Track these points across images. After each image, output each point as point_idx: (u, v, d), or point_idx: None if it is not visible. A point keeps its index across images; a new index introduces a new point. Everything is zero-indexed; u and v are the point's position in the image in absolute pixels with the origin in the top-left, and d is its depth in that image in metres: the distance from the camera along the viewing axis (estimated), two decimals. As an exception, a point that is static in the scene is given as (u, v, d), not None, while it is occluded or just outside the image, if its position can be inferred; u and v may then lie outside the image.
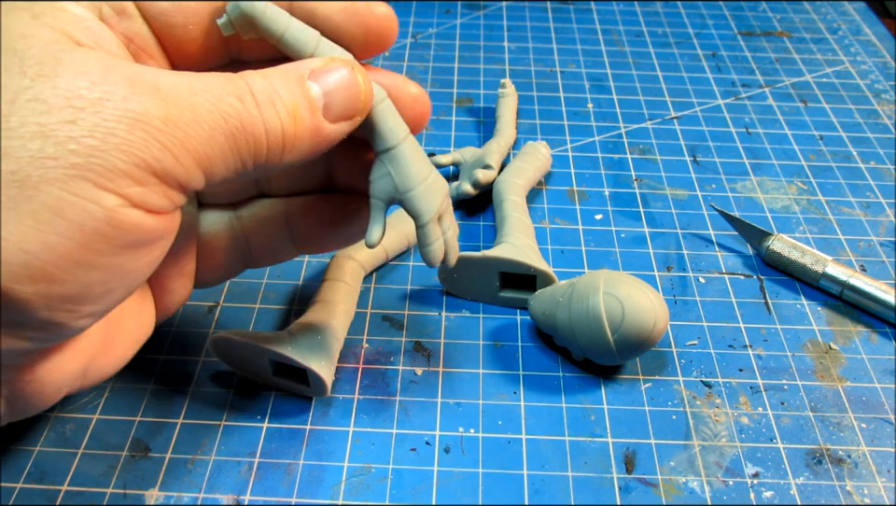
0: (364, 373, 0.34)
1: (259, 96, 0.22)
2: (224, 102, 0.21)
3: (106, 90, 0.19)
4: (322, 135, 0.24)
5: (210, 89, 0.21)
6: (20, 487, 0.29)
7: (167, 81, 0.20)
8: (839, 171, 0.46)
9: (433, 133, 0.48)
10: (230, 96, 0.21)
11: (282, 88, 0.23)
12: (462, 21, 0.60)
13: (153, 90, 0.20)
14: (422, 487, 0.29)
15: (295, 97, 0.23)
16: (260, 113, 0.22)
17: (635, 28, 0.60)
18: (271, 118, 0.22)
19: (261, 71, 0.23)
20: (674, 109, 0.51)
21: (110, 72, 0.20)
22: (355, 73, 0.24)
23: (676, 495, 0.29)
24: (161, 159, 0.20)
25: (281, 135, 0.22)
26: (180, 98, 0.20)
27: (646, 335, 0.31)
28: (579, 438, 0.31)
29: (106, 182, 0.19)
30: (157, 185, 0.20)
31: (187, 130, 0.20)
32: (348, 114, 0.24)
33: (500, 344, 0.35)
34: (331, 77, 0.24)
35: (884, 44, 0.59)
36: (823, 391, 0.33)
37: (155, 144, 0.20)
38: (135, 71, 0.20)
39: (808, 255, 0.38)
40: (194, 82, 0.21)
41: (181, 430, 0.31)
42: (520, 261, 0.35)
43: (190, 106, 0.20)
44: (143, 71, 0.20)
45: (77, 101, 0.19)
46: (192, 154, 0.20)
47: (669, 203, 0.43)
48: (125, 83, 0.20)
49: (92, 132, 0.19)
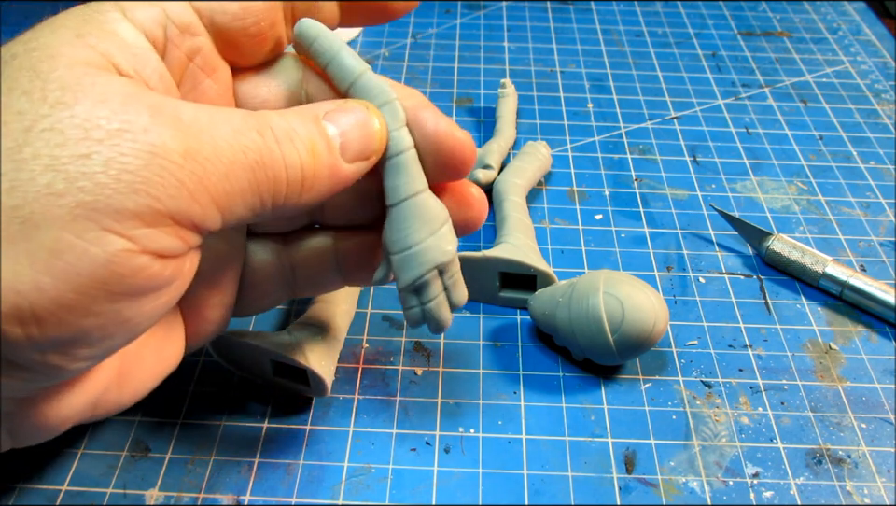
0: (364, 373, 0.34)
1: (278, 132, 0.21)
2: (244, 135, 0.20)
3: (126, 119, 0.18)
4: (340, 175, 0.23)
5: (230, 121, 0.20)
6: (20, 487, 0.29)
7: (189, 113, 0.20)
8: (839, 171, 0.46)
9: (433, 133, 0.48)
10: (250, 130, 0.21)
11: (299, 125, 0.22)
12: (462, 21, 0.60)
13: (174, 120, 0.19)
14: (422, 487, 0.29)
15: (312, 134, 0.22)
16: (280, 148, 0.21)
17: (635, 28, 0.60)
18: (290, 153, 0.21)
19: (278, 111, 0.23)
20: (674, 109, 0.51)
21: (132, 101, 0.19)
22: (370, 114, 0.24)
23: (676, 495, 0.29)
24: (176, 197, 0.19)
25: (300, 172, 0.22)
26: (201, 130, 0.19)
27: (646, 335, 0.31)
28: (579, 438, 0.31)
29: (113, 223, 0.18)
30: (170, 226, 0.19)
31: (206, 165, 0.19)
32: (364, 154, 0.24)
33: (500, 344, 0.35)
34: (346, 117, 0.23)
35: (884, 44, 0.59)
36: (823, 391, 0.33)
37: (171, 180, 0.18)
38: (157, 101, 0.19)
39: (808, 255, 0.38)
40: (215, 114, 0.20)
41: (181, 430, 0.31)
42: (520, 261, 0.35)
43: (211, 140, 0.19)
44: (165, 102, 0.20)
45: (96, 132, 0.18)
46: (210, 191, 0.19)
47: (669, 203, 0.43)
48: (147, 112, 0.19)
49: (106, 168, 0.18)
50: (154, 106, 0.19)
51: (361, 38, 0.57)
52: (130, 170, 0.18)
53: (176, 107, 0.20)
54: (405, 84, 0.26)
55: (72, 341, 0.19)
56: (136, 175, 0.18)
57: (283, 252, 0.28)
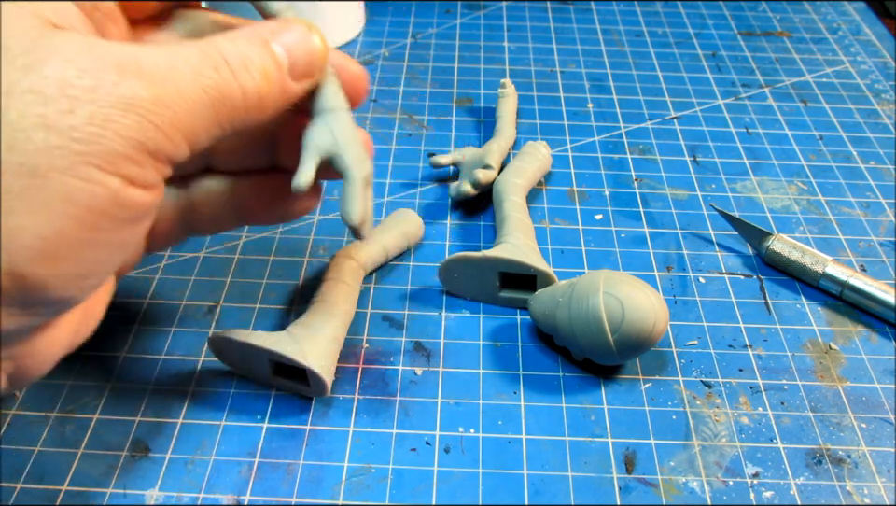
0: (364, 373, 0.34)
1: (233, 62, 0.23)
2: (203, 75, 0.22)
3: (96, 76, 0.20)
4: (289, 92, 0.25)
5: (189, 63, 0.22)
6: (20, 487, 0.29)
7: (149, 61, 0.21)
8: (839, 171, 0.46)
9: (433, 133, 0.48)
10: (207, 68, 0.22)
11: (251, 51, 0.24)
12: (462, 21, 0.60)
13: (138, 72, 0.21)
14: (422, 487, 0.29)
15: (264, 59, 0.24)
16: (236, 79, 0.23)
17: (635, 28, 0.60)
18: (246, 81, 0.23)
19: (227, 35, 0.24)
20: (674, 109, 0.51)
21: (95, 57, 0.20)
22: (312, 32, 0.26)
23: (676, 495, 0.29)
24: (153, 138, 0.21)
25: (257, 96, 0.24)
26: (164, 77, 0.21)
27: (646, 335, 0.31)
28: (579, 438, 0.31)
29: (109, 165, 0.20)
30: (151, 161, 0.21)
31: (174, 107, 0.21)
32: (310, 71, 0.26)
33: (500, 344, 0.35)
34: (291, 37, 0.25)
35: (884, 44, 0.59)
36: (823, 391, 0.33)
37: (148, 125, 0.21)
38: (117, 54, 0.21)
39: (808, 255, 0.38)
40: (173, 59, 0.22)
41: (181, 430, 0.31)
42: (520, 261, 0.35)
43: (174, 84, 0.21)
44: (123, 52, 0.21)
45: (71, 90, 0.20)
46: (180, 129, 0.22)
47: (669, 203, 0.43)
48: (112, 69, 0.20)
49: (91, 119, 0.20)
50: (117, 60, 0.21)
51: (361, 38, 0.57)
52: (112, 119, 0.20)
53: (136, 56, 0.21)
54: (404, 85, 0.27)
55: (87, 272, 0.21)
56: (119, 122, 0.20)
57: (182, 195, 0.30)
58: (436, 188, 0.44)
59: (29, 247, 0.19)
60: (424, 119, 0.49)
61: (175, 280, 0.37)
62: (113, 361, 0.34)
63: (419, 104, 0.51)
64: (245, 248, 0.39)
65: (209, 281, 0.38)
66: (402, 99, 0.51)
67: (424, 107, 0.50)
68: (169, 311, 0.36)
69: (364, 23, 0.59)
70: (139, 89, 0.21)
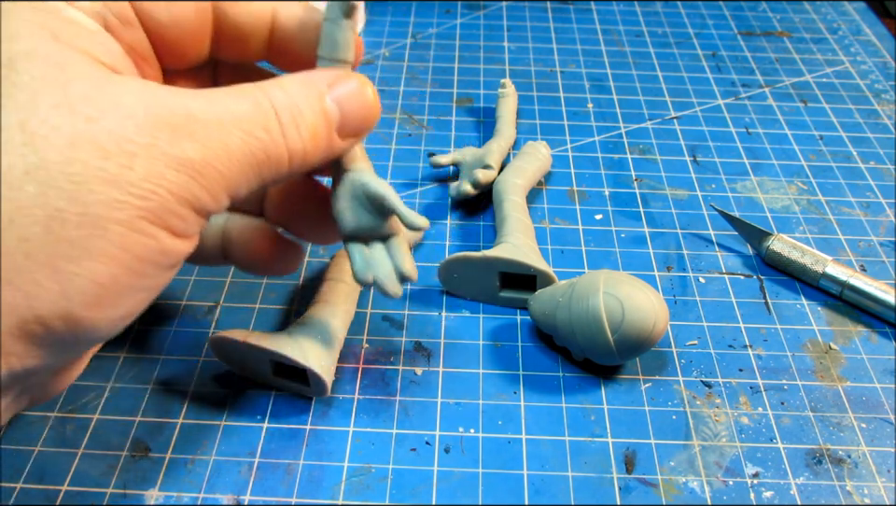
0: (364, 373, 0.34)
1: (284, 118, 0.23)
2: (253, 137, 0.23)
3: (153, 134, 0.21)
4: (334, 150, 0.25)
5: (240, 123, 0.22)
6: (20, 487, 0.29)
7: (201, 117, 0.22)
8: (839, 171, 0.46)
9: (433, 133, 0.48)
10: (258, 129, 0.23)
11: (305, 106, 0.24)
12: (462, 21, 0.60)
13: (191, 133, 0.21)
14: (422, 487, 0.29)
15: (316, 117, 0.24)
16: (285, 141, 0.23)
17: (635, 28, 0.60)
18: (294, 143, 0.24)
19: (281, 83, 0.24)
20: (674, 109, 0.51)
21: (152, 113, 0.21)
22: (367, 87, 0.25)
23: (676, 495, 0.29)
24: (199, 195, 0.22)
25: (302, 156, 0.24)
26: (215, 138, 0.22)
27: (646, 335, 0.31)
28: (579, 438, 0.31)
29: (159, 219, 0.21)
30: (194, 216, 0.22)
31: (221, 168, 0.22)
32: (359, 131, 0.26)
33: (500, 344, 0.35)
34: (346, 91, 0.25)
35: (884, 44, 0.59)
36: (823, 391, 0.33)
37: (195, 184, 0.22)
38: (172, 108, 0.22)
39: (808, 255, 0.38)
40: (224, 115, 0.22)
41: (181, 430, 0.31)
42: (520, 261, 0.35)
43: (224, 145, 0.22)
44: (178, 106, 0.22)
45: (129, 145, 0.20)
46: (224, 187, 0.23)
47: (669, 203, 0.43)
48: (166, 127, 0.21)
49: (147, 176, 0.21)
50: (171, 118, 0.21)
51: (362, 38, 0.57)
52: (166, 177, 0.21)
53: (190, 113, 0.22)
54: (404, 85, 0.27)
55: (129, 313, 0.22)
56: (171, 180, 0.21)
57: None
58: (436, 188, 0.44)
59: (85, 293, 0.20)
60: (424, 119, 0.49)
61: (175, 280, 0.37)
62: (113, 361, 0.34)
63: (419, 104, 0.51)
64: (245, 248, 0.39)
65: (209, 281, 0.38)
66: (402, 99, 0.51)
67: (424, 107, 0.50)
68: (169, 311, 0.36)
69: (364, 23, 0.59)
70: (191, 150, 0.21)
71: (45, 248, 0.20)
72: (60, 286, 0.20)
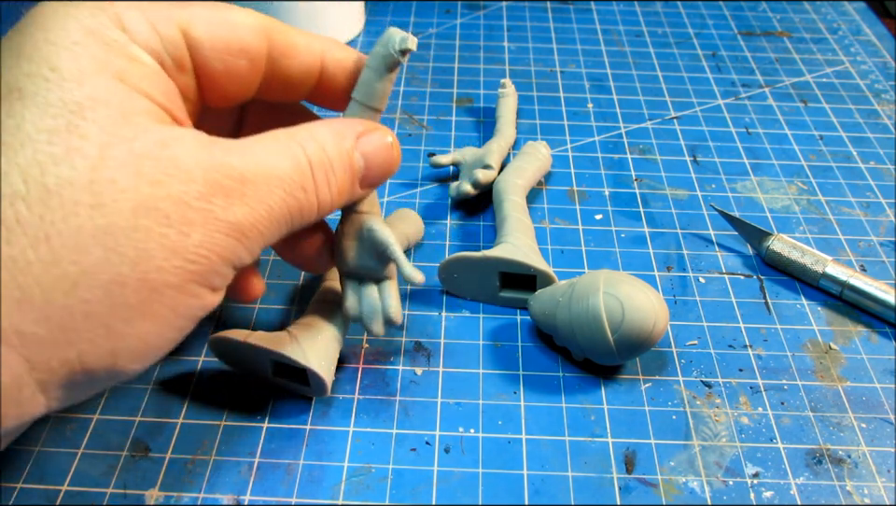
0: (364, 373, 0.34)
1: (318, 176, 0.25)
2: (292, 196, 0.24)
3: (210, 200, 0.22)
4: (353, 199, 0.27)
5: (282, 183, 0.24)
6: (20, 487, 0.29)
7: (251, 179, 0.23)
8: (839, 171, 0.46)
9: (433, 133, 0.48)
10: (297, 189, 0.24)
11: (337, 163, 0.25)
12: (462, 21, 0.60)
13: (242, 196, 0.23)
14: (422, 487, 0.29)
15: (344, 173, 0.26)
16: (317, 196, 0.25)
17: (635, 28, 0.60)
18: (324, 197, 0.25)
19: (314, 135, 0.25)
20: (674, 109, 0.51)
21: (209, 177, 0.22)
22: (392, 140, 0.27)
23: (676, 495, 0.29)
24: (241, 256, 0.23)
25: (328, 207, 0.26)
26: (261, 200, 0.23)
27: (646, 335, 0.31)
28: (579, 438, 0.31)
29: (206, 280, 0.23)
30: (232, 272, 0.24)
31: (263, 229, 0.24)
32: (379, 182, 0.28)
33: (500, 344, 0.35)
34: (372, 144, 0.26)
35: (884, 44, 0.59)
36: (823, 391, 0.33)
37: (240, 246, 0.23)
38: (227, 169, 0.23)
39: (808, 255, 0.38)
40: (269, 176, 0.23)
41: (181, 430, 0.31)
42: (520, 261, 0.35)
43: (268, 208, 0.23)
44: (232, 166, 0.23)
45: (189, 212, 0.22)
46: (261, 244, 0.24)
47: (669, 203, 0.43)
48: (221, 192, 0.22)
49: (202, 243, 0.22)
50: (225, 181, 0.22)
51: (362, 38, 0.57)
52: (218, 243, 0.22)
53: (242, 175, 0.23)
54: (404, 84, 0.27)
55: (159, 358, 0.23)
56: (222, 246, 0.23)
57: None
58: (436, 187, 0.44)
59: (131, 351, 0.22)
60: (424, 119, 0.49)
61: (175, 280, 0.37)
62: (113, 361, 0.34)
63: (419, 104, 0.51)
64: (245, 248, 0.39)
65: (209, 281, 0.38)
66: (402, 99, 0.51)
67: (424, 107, 0.50)
68: (169, 311, 0.36)
69: (364, 23, 0.59)
70: (241, 214, 0.23)
71: (103, 310, 0.21)
72: (111, 344, 0.21)
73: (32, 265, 0.20)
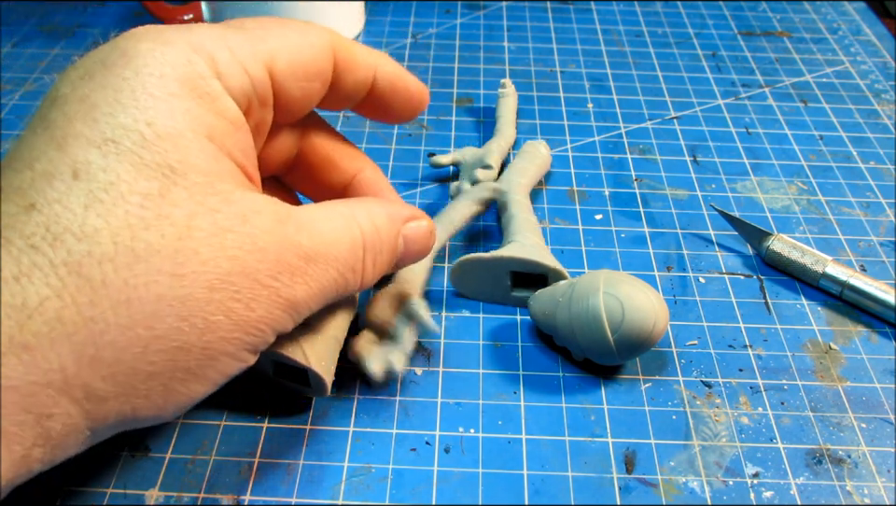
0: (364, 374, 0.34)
1: (368, 260, 0.26)
2: (343, 277, 0.25)
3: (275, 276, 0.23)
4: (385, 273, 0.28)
5: (338, 263, 0.24)
6: (19, 487, 0.29)
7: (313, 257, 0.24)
8: (839, 171, 0.46)
9: (433, 133, 0.48)
10: (349, 271, 0.25)
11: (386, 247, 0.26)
12: (462, 21, 0.60)
13: (304, 273, 0.23)
14: (422, 487, 0.29)
15: (390, 257, 0.27)
16: (363, 277, 0.26)
17: (635, 28, 0.60)
18: (368, 278, 0.26)
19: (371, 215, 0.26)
20: (674, 109, 0.51)
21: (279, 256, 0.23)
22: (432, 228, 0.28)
23: (676, 495, 0.29)
24: (287, 326, 0.24)
25: (366, 286, 0.27)
26: (318, 280, 0.24)
27: (646, 335, 0.31)
28: (579, 438, 0.31)
29: (256, 348, 0.23)
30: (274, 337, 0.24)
31: (312, 305, 0.24)
32: (413, 262, 0.28)
33: (500, 344, 0.35)
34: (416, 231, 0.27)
35: (884, 44, 0.59)
36: (823, 391, 0.33)
37: (291, 319, 0.24)
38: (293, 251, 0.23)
39: (808, 255, 0.38)
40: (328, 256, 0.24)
41: (181, 430, 0.31)
42: (532, 260, 0.35)
43: (321, 287, 0.24)
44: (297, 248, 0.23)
45: (257, 288, 0.22)
46: (305, 316, 0.25)
47: (669, 203, 0.43)
48: (287, 271, 0.23)
49: (263, 318, 0.23)
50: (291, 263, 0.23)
51: (361, 38, 0.57)
52: (275, 318, 0.23)
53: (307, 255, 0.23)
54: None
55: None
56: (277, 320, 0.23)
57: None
58: (436, 187, 0.44)
59: (181, 406, 0.23)
60: (424, 118, 0.49)
61: (175, 280, 0.37)
62: (113, 361, 0.34)
63: (419, 104, 0.50)
64: (245, 248, 0.39)
65: (209, 281, 0.37)
66: (402, 99, 0.51)
67: (424, 107, 0.50)
68: (169, 311, 0.36)
69: (364, 23, 0.59)
70: (300, 293, 0.23)
71: (165, 372, 0.21)
72: (164, 401, 0.22)
73: (110, 327, 0.20)
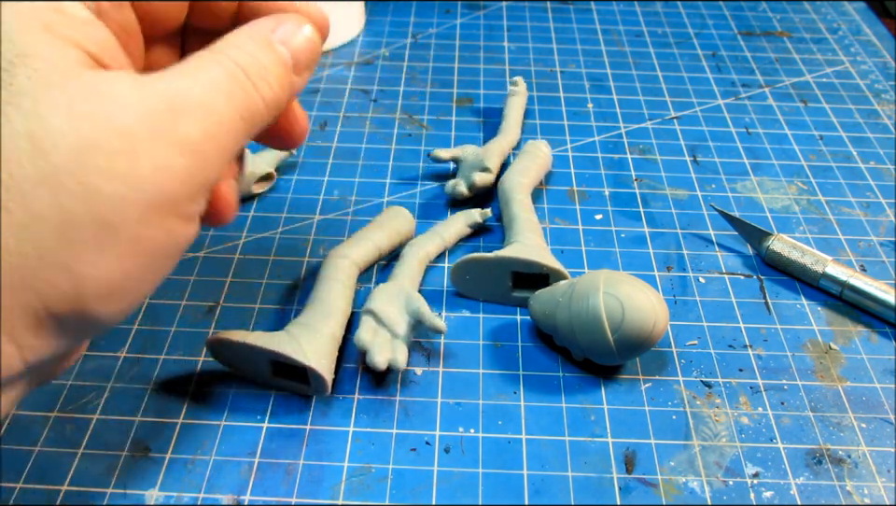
0: (364, 373, 0.34)
1: (254, 76, 0.24)
2: (235, 98, 0.23)
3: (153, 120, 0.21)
4: (294, 88, 0.26)
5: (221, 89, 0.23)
6: (20, 487, 0.29)
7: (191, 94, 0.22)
8: (839, 171, 0.46)
9: (433, 133, 0.48)
10: (237, 90, 0.23)
11: (263, 58, 0.25)
12: (462, 21, 0.60)
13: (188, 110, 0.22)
14: (422, 487, 0.29)
15: (276, 66, 0.25)
16: (259, 94, 0.24)
17: (635, 28, 0.60)
18: (266, 93, 0.24)
19: (234, 43, 0.25)
20: (674, 109, 0.51)
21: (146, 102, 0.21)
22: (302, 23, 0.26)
23: (676, 495, 0.29)
24: (206, 173, 0.22)
25: (276, 104, 0.25)
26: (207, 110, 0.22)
27: (646, 335, 0.31)
28: (579, 438, 0.31)
29: (173, 208, 0.22)
30: (201, 196, 0.23)
31: (219, 138, 0.23)
32: (310, 64, 0.27)
33: (500, 344, 0.35)
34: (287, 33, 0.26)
35: (884, 44, 0.59)
36: (823, 391, 0.33)
37: (202, 163, 0.22)
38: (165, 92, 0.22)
39: (808, 255, 0.38)
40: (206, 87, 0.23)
41: (181, 430, 0.31)
42: (533, 261, 0.35)
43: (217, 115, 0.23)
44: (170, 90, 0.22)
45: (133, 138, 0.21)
46: (224, 156, 0.23)
47: (669, 203, 0.43)
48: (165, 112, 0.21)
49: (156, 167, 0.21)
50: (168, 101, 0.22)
51: (361, 38, 0.57)
52: (174, 164, 0.21)
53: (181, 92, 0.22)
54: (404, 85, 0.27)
55: (137, 304, 0.23)
56: (179, 166, 0.21)
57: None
58: (436, 187, 0.44)
59: (97, 291, 0.21)
60: (424, 119, 0.49)
61: (175, 280, 0.37)
62: (113, 361, 0.34)
63: (419, 104, 0.51)
64: (245, 248, 0.39)
65: (209, 281, 0.38)
66: (402, 99, 0.51)
67: (424, 107, 0.50)
68: (169, 311, 0.36)
69: (364, 23, 0.59)
70: (192, 128, 0.22)
71: (59, 251, 0.20)
72: (74, 285, 0.21)
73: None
